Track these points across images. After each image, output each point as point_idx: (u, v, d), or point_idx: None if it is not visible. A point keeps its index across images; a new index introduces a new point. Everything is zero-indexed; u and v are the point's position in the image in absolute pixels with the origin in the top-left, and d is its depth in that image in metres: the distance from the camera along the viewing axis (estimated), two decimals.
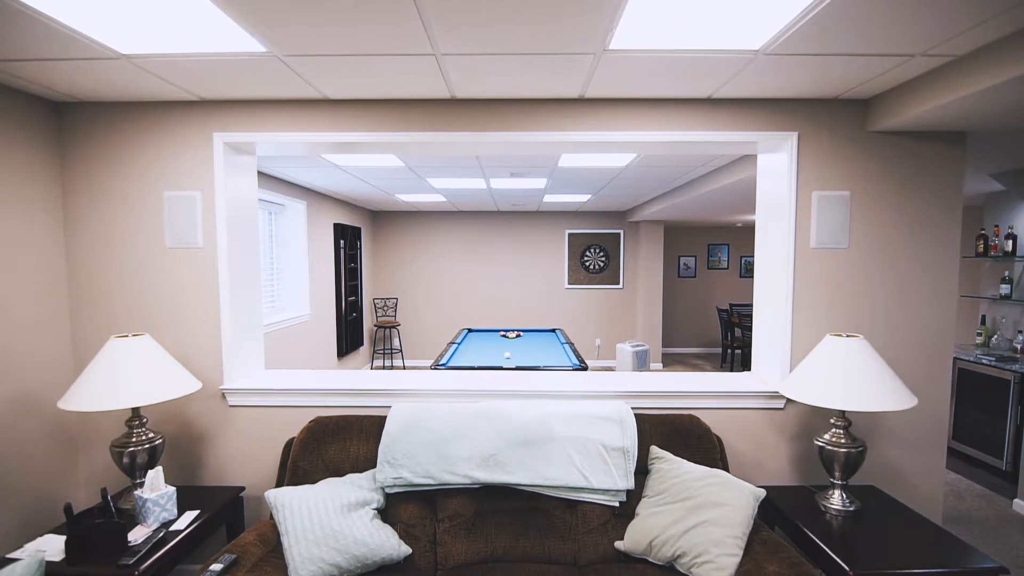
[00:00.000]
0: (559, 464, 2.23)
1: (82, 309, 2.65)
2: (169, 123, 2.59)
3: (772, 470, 2.68)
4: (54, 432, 2.56)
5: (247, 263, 2.81)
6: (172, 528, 2.14)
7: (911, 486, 2.67)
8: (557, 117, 2.56)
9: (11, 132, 2.34)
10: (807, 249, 2.61)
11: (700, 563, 1.94)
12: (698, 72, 2.19)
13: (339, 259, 6.98)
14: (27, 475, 2.41)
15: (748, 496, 2.05)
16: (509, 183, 5.60)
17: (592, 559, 2.16)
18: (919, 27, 1.77)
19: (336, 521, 2.01)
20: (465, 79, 2.29)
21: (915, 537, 2.08)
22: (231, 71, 2.19)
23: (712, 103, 2.55)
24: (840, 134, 2.57)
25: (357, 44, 1.92)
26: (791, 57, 2.03)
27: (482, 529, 2.19)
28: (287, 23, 1.76)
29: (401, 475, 2.21)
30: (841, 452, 2.25)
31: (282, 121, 2.59)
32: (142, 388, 2.19)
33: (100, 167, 2.61)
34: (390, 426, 2.32)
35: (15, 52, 1.98)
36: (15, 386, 2.36)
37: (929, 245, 2.61)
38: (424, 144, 2.62)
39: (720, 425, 2.66)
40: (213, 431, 2.70)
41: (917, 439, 2.66)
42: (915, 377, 2.63)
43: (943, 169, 2.58)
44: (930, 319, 2.63)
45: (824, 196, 2.58)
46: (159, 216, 2.62)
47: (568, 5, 1.63)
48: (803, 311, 2.63)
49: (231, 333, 2.66)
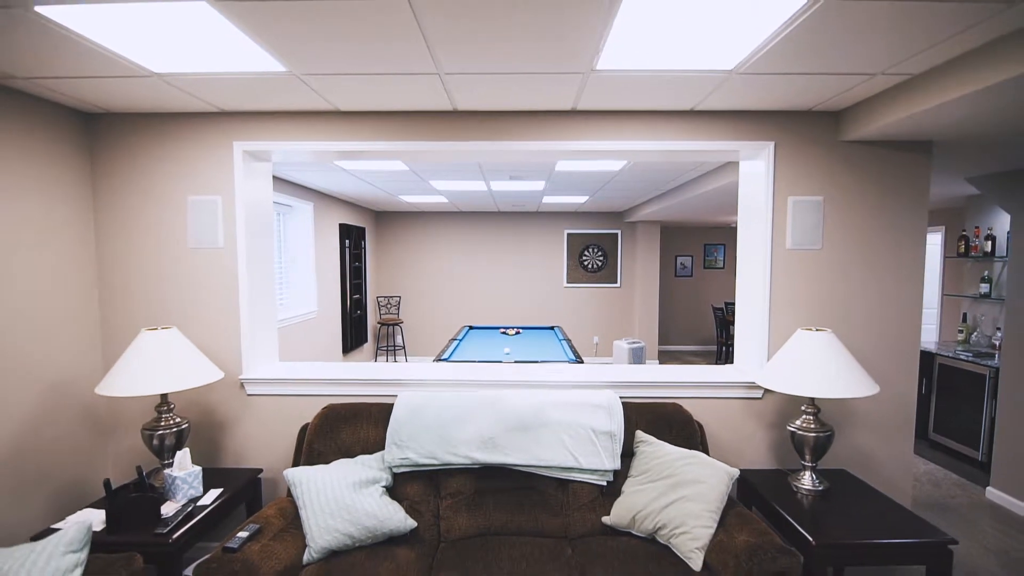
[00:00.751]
0: (552, 446, 2.44)
1: (111, 305, 2.87)
2: (192, 132, 2.80)
3: (750, 455, 2.89)
4: (85, 417, 2.77)
5: (263, 262, 3.02)
6: (199, 503, 2.35)
7: (880, 470, 2.88)
8: (551, 127, 2.77)
9: (45, 141, 2.55)
10: (783, 250, 2.82)
11: (678, 534, 2.15)
12: (679, 88, 2.40)
13: (344, 258, 7.19)
14: (62, 456, 2.62)
15: (723, 475, 2.25)
16: (509, 185, 5.81)
17: (582, 532, 2.37)
18: (876, 50, 1.97)
19: (349, 496, 2.22)
20: (466, 94, 2.49)
21: (877, 514, 2.29)
22: (252, 87, 2.40)
23: (695, 114, 2.76)
24: (814, 143, 2.78)
25: (368, 64, 2.13)
26: (762, 76, 2.23)
27: (481, 505, 2.39)
28: (307, 47, 1.96)
29: (407, 456, 2.42)
30: (811, 436, 2.46)
31: (297, 131, 2.80)
32: (171, 376, 2.39)
33: (128, 173, 2.82)
34: (397, 412, 2.52)
35: (56, 71, 2.19)
36: (52, 375, 2.57)
37: (897, 246, 2.81)
38: (427, 152, 2.82)
39: (702, 413, 2.86)
40: (232, 417, 2.91)
41: (885, 426, 2.86)
42: (882, 368, 2.83)
43: (910, 176, 2.78)
44: (897, 315, 2.83)
45: (799, 201, 2.78)
46: (183, 218, 2.83)
47: (557, 32, 1.83)
48: (779, 307, 2.83)
49: (249, 327, 2.87)
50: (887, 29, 1.79)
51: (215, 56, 2.05)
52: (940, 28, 1.78)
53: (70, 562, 1.75)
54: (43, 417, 2.52)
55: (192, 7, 1.65)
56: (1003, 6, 1.63)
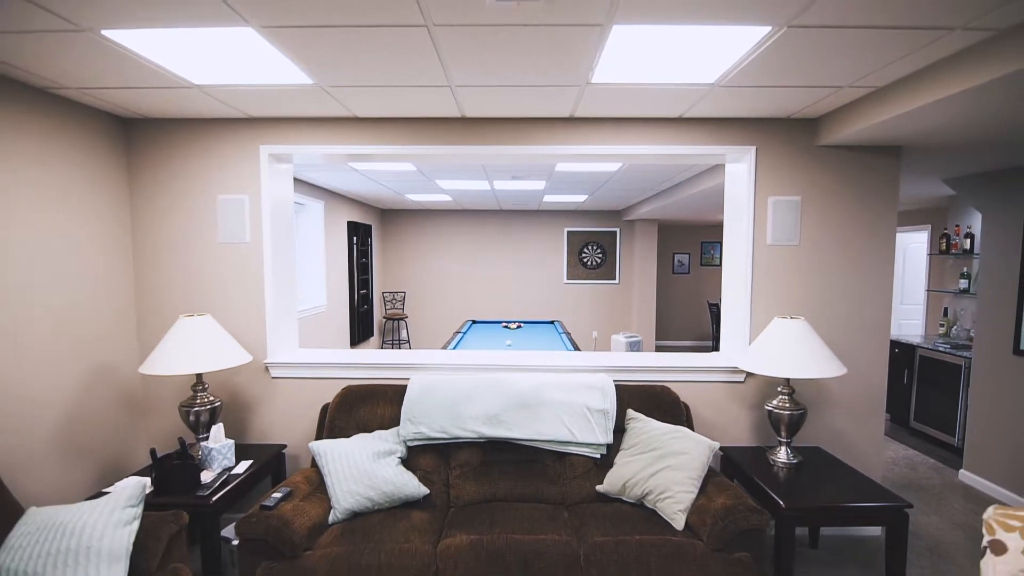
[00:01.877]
0: (551, 422, 2.69)
1: (146, 295, 3.12)
2: (222, 136, 3.05)
3: (733, 434, 3.14)
4: (123, 397, 3.03)
5: (285, 256, 3.27)
6: (232, 472, 2.61)
7: (852, 448, 3.13)
8: (551, 133, 3.02)
9: (86, 144, 2.80)
10: (764, 245, 3.07)
11: (663, 499, 2.40)
12: (667, 98, 2.64)
13: (352, 254, 7.45)
14: (103, 432, 2.88)
15: (703, 447, 2.50)
16: (511, 185, 6.06)
17: (577, 499, 2.62)
18: (837, 68, 2.21)
19: (368, 465, 2.48)
20: (473, 103, 2.74)
21: (843, 483, 2.54)
22: (280, 96, 2.65)
23: (683, 121, 3.00)
24: (792, 148, 3.02)
25: (388, 78, 2.38)
26: (741, 88, 2.48)
27: (487, 475, 2.65)
28: (335, 64, 2.21)
29: (420, 431, 2.67)
30: (785, 414, 2.71)
31: (317, 135, 3.05)
32: (205, 358, 2.65)
33: (161, 174, 3.07)
34: (411, 392, 2.78)
35: (106, 82, 2.44)
36: (94, 359, 2.83)
37: (868, 243, 3.05)
38: (437, 156, 3.08)
39: (689, 395, 3.11)
40: (257, 398, 3.16)
41: (857, 408, 3.11)
42: (854, 354, 3.08)
43: (880, 178, 3.03)
44: (869, 306, 3.08)
45: (778, 200, 3.03)
46: (213, 216, 3.09)
47: (556, 54, 2.08)
48: (760, 298, 3.08)
49: (273, 316, 3.13)
50: (843, 52, 2.04)
51: (251, 70, 2.30)
52: (889, 51, 2.03)
53: (129, 515, 2.00)
54: (87, 396, 2.77)
55: (240, 32, 1.91)
56: (943, 32, 1.88)
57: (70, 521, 1.94)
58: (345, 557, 2.08)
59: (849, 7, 1.70)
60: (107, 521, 1.95)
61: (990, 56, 1.91)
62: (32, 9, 1.73)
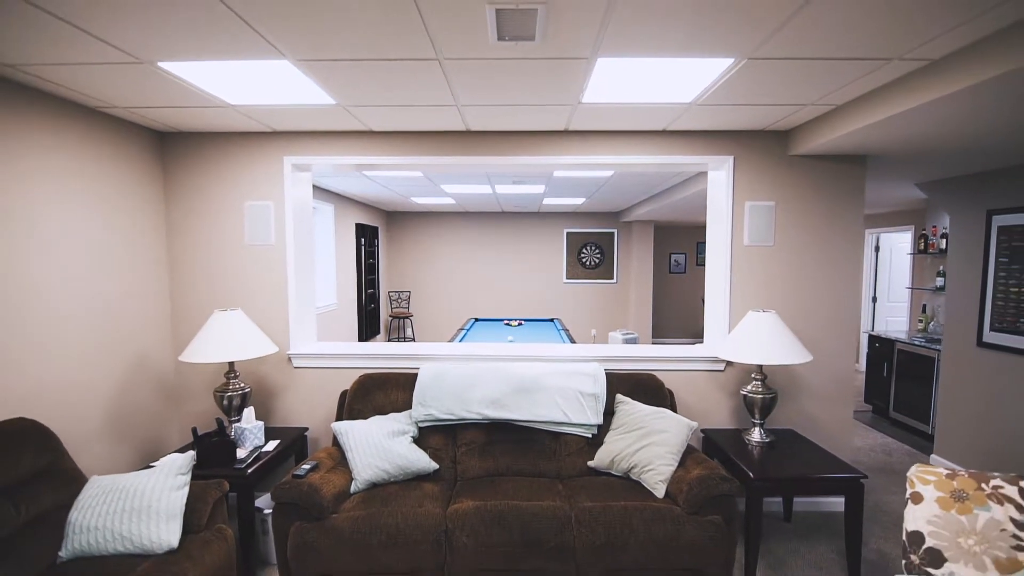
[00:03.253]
0: (547, 406, 3.00)
1: (179, 292, 3.44)
2: (249, 148, 3.36)
3: (714, 417, 3.44)
4: (158, 385, 3.34)
5: (305, 257, 3.58)
6: (263, 450, 2.92)
7: (823, 431, 3.43)
8: (548, 144, 3.32)
9: (126, 155, 3.11)
10: (742, 246, 3.37)
11: (646, 471, 2.71)
12: (650, 114, 2.95)
13: (360, 255, 7.76)
14: (142, 415, 3.19)
15: (683, 426, 2.80)
16: (512, 189, 6.36)
17: (571, 473, 2.93)
18: (798, 89, 2.52)
19: (385, 442, 2.79)
20: (477, 118, 3.05)
21: (809, 459, 2.84)
22: (304, 114, 2.96)
23: (667, 134, 3.31)
24: (767, 157, 3.32)
25: (402, 99, 2.69)
26: (716, 106, 2.78)
27: (490, 452, 2.96)
28: (358, 89, 2.52)
29: (430, 413, 2.98)
30: (758, 398, 3.01)
31: (336, 147, 3.36)
32: (237, 348, 2.96)
33: (194, 182, 3.39)
34: (421, 379, 3.09)
35: (152, 102, 2.75)
36: (135, 348, 3.14)
37: (837, 243, 3.35)
38: (444, 165, 3.38)
39: (673, 382, 3.42)
40: (281, 386, 3.47)
41: (827, 393, 3.41)
42: (825, 345, 3.38)
43: (847, 184, 3.33)
44: (838, 301, 3.38)
45: (754, 205, 3.33)
46: (241, 220, 3.40)
47: (551, 82, 2.38)
48: (738, 294, 3.38)
49: (295, 311, 3.44)
50: (801, 77, 2.35)
51: (281, 93, 2.61)
52: (840, 77, 2.33)
53: (180, 482, 2.31)
54: (129, 383, 3.09)
55: (277, 63, 2.22)
56: (882, 62, 2.18)
57: (131, 486, 2.25)
58: (367, 518, 2.39)
59: (798, 42, 2.00)
60: (163, 486, 2.26)
61: (930, 80, 2.20)
62: (102, 46, 2.05)
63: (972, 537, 1.67)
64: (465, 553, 2.35)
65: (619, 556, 2.36)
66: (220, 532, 2.33)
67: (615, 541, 2.36)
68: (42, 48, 2.05)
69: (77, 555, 2.11)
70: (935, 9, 1.72)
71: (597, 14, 1.77)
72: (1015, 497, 1.68)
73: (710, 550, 2.38)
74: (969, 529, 1.68)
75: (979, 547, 1.65)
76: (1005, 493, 1.70)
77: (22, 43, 1.99)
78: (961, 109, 2.30)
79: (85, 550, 2.11)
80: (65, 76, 2.34)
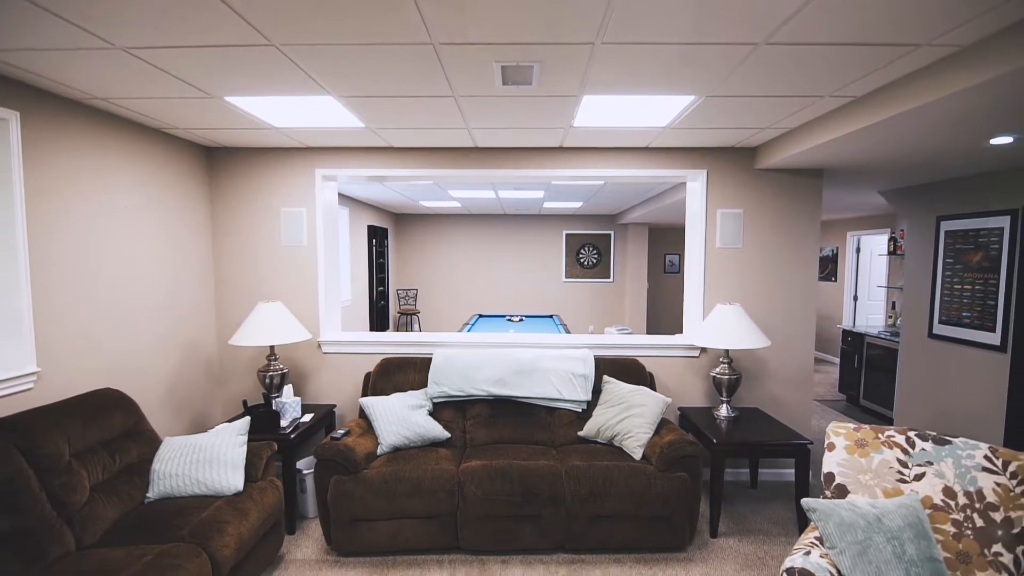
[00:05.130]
0: (543, 384, 3.49)
1: (222, 286, 3.94)
2: (285, 162, 3.87)
3: (690, 397, 3.93)
4: (205, 367, 3.85)
5: (332, 256, 4.08)
6: (300, 421, 3.42)
7: (785, 410, 3.92)
8: (546, 159, 3.82)
9: (179, 168, 3.62)
10: (714, 248, 3.86)
11: (627, 439, 3.20)
12: (632, 135, 3.44)
13: (371, 255, 8.27)
14: (193, 392, 3.70)
15: (659, 401, 3.29)
16: (514, 194, 6.86)
17: (563, 442, 3.43)
18: (754, 116, 3.01)
19: (405, 413, 3.29)
20: (484, 137, 3.55)
21: (766, 430, 3.33)
22: (335, 134, 3.47)
23: (649, 150, 3.80)
24: (736, 170, 3.81)
25: (421, 123, 3.19)
26: (686, 129, 3.28)
27: (494, 424, 3.45)
28: (386, 116, 3.02)
29: (443, 390, 3.48)
30: (724, 379, 3.50)
31: (360, 160, 3.86)
32: (278, 333, 3.45)
33: (236, 191, 3.89)
34: (435, 361, 3.59)
35: (207, 124, 3.26)
36: (187, 336, 3.65)
37: (797, 245, 3.84)
38: (454, 176, 3.88)
39: (654, 367, 3.91)
40: (312, 369, 3.98)
41: (789, 377, 3.90)
42: (785, 333, 3.87)
43: (806, 194, 3.82)
44: (797, 295, 3.86)
45: (725, 212, 3.82)
46: (277, 224, 3.90)
47: (546, 109, 2.88)
48: (712, 290, 3.88)
49: (323, 304, 3.94)
50: (753, 109, 2.84)
51: (319, 118, 3.11)
52: (784, 109, 2.83)
53: (240, 440, 2.81)
54: (182, 366, 3.60)
55: (322, 98, 2.72)
56: (815, 99, 2.67)
57: (201, 443, 2.75)
58: (393, 473, 2.89)
59: (745, 85, 2.49)
60: (228, 443, 2.76)
61: (858, 112, 2.68)
62: (182, 85, 2.55)
63: (868, 474, 2.16)
64: (474, 501, 2.84)
65: (601, 504, 2.86)
66: (272, 483, 2.83)
67: (598, 492, 2.85)
68: (134, 85, 2.55)
69: (161, 496, 2.62)
70: (850, 63, 2.21)
71: (580, 67, 2.27)
72: (902, 443, 2.17)
73: (677, 501, 2.87)
74: (866, 468, 2.17)
75: (873, 481, 2.14)
76: (895, 440, 2.19)
77: (118, 81, 2.50)
78: (883, 135, 2.79)
79: (168, 492, 2.61)
80: (145, 106, 2.85)
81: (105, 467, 2.53)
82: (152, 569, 2.01)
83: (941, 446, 2.11)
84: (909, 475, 2.10)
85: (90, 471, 2.43)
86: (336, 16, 1.83)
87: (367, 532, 2.88)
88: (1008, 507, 1.92)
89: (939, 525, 1.99)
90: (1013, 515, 1.90)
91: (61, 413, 2.43)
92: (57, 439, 2.33)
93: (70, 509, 2.26)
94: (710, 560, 2.93)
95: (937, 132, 2.72)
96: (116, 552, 2.14)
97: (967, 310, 4.02)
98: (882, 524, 1.89)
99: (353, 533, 2.88)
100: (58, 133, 2.66)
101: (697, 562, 2.91)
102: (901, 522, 1.89)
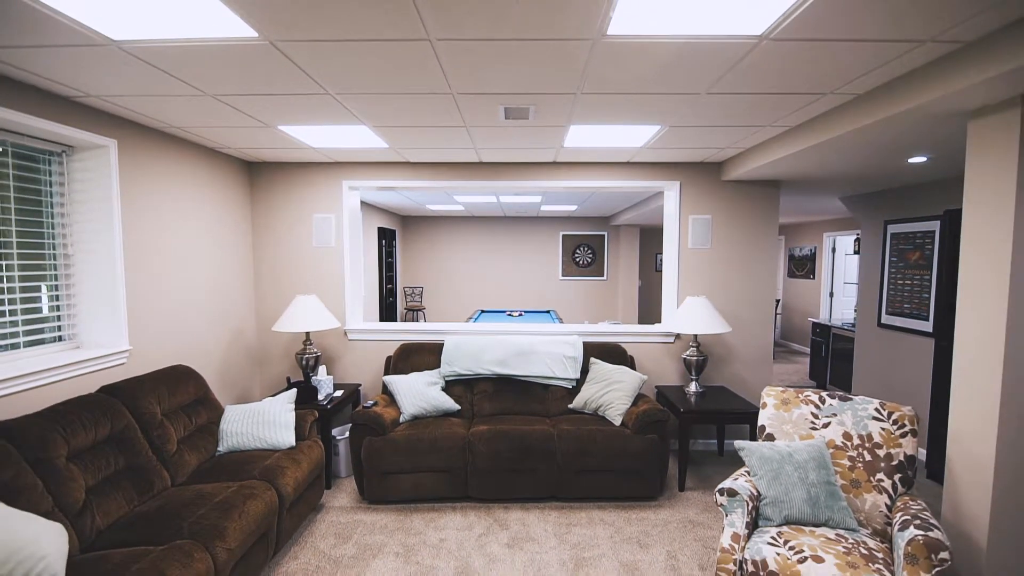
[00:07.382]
0: (539, 365, 4.11)
1: (261, 282, 4.55)
2: (317, 174, 4.48)
3: (666, 377, 4.55)
4: (247, 352, 4.46)
5: (355, 256, 4.70)
6: (333, 396, 4.04)
7: (748, 388, 4.54)
8: (542, 172, 4.44)
9: (225, 180, 4.24)
10: (687, 248, 4.47)
11: (608, 409, 3.81)
12: (615, 153, 4.06)
13: (380, 255, 8.88)
14: (238, 374, 4.32)
15: (636, 378, 3.91)
16: (514, 198, 7.47)
17: (556, 412, 4.05)
18: (714, 139, 3.62)
19: (422, 389, 3.91)
20: (488, 154, 4.17)
21: (726, 402, 3.94)
22: (362, 152, 4.08)
23: (631, 164, 4.42)
24: (706, 181, 4.43)
25: (436, 144, 3.80)
26: (661, 148, 3.89)
27: (498, 397, 4.07)
28: (408, 140, 3.64)
29: (454, 370, 4.10)
30: (693, 359, 4.12)
31: (381, 173, 4.47)
32: (314, 321, 4.06)
33: (274, 200, 4.50)
34: (447, 346, 4.20)
35: (254, 145, 3.87)
36: (232, 324, 4.26)
37: (757, 247, 4.46)
38: (462, 186, 4.50)
39: (634, 351, 4.53)
40: (339, 352, 4.59)
41: (752, 359, 4.52)
42: (747, 320, 4.49)
43: (765, 203, 4.43)
44: (758, 289, 4.48)
45: (696, 218, 4.44)
46: (309, 228, 4.52)
47: (540, 134, 3.49)
48: (685, 284, 4.49)
49: (349, 297, 4.56)
50: (711, 134, 3.46)
51: (352, 141, 3.72)
52: (738, 133, 3.44)
53: (289, 407, 3.43)
54: (228, 350, 4.21)
55: (357, 127, 3.33)
56: (759, 127, 3.28)
57: (259, 409, 3.37)
58: (415, 434, 3.51)
59: (698, 117, 3.11)
60: (281, 408, 3.38)
61: (793, 139, 3.29)
62: (244, 117, 3.16)
63: (789, 424, 2.78)
64: (482, 456, 3.46)
65: (586, 459, 3.48)
66: (316, 442, 3.45)
67: (583, 449, 3.47)
68: (211, 119, 3.16)
69: (229, 450, 3.23)
70: (774, 106, 2.82)
71: (566, 108, 2.89)
72: (815, 400, 2.78)
73: (648, 457, 3.49)
74: (788, 420, 2.79)
75: (792, 429, 2.76)
76: (811, 399, 2.80)
77: (198, 116, 3.11)
78: (816, 156, 3.41)
79: (234, 447, 3.23)
80: (211, 132, 3.47)
81: (185, 426, 3.14)
82: (237, 495, 2.62)
83: (844, 402, 2.73)
84: (819, 424, 2.72)
85: (175, 428, 3.05)
86: (383, 76, 2.44)
87: (394, 484, 3.50)
88: (890, 445, 2.54)
89: (839, 460, 2.61)
90: (892, 451, 2.52)
91: (153, 382, 3.05)
92: (151, 402, 2.95)
93: (164, 455, 2.88)
94: (676, 506, 3.55)
95: (861, 153, 3.34)
96: (207, 486, 2.75)
97: (907, 302, 4.64)
98: (792, 458, 2.51)
99: (382, 484, 3.50)
100: (142, 155, 3.28)
101: (665, 507, 3.53)
102: (807, 456, 2.51)
